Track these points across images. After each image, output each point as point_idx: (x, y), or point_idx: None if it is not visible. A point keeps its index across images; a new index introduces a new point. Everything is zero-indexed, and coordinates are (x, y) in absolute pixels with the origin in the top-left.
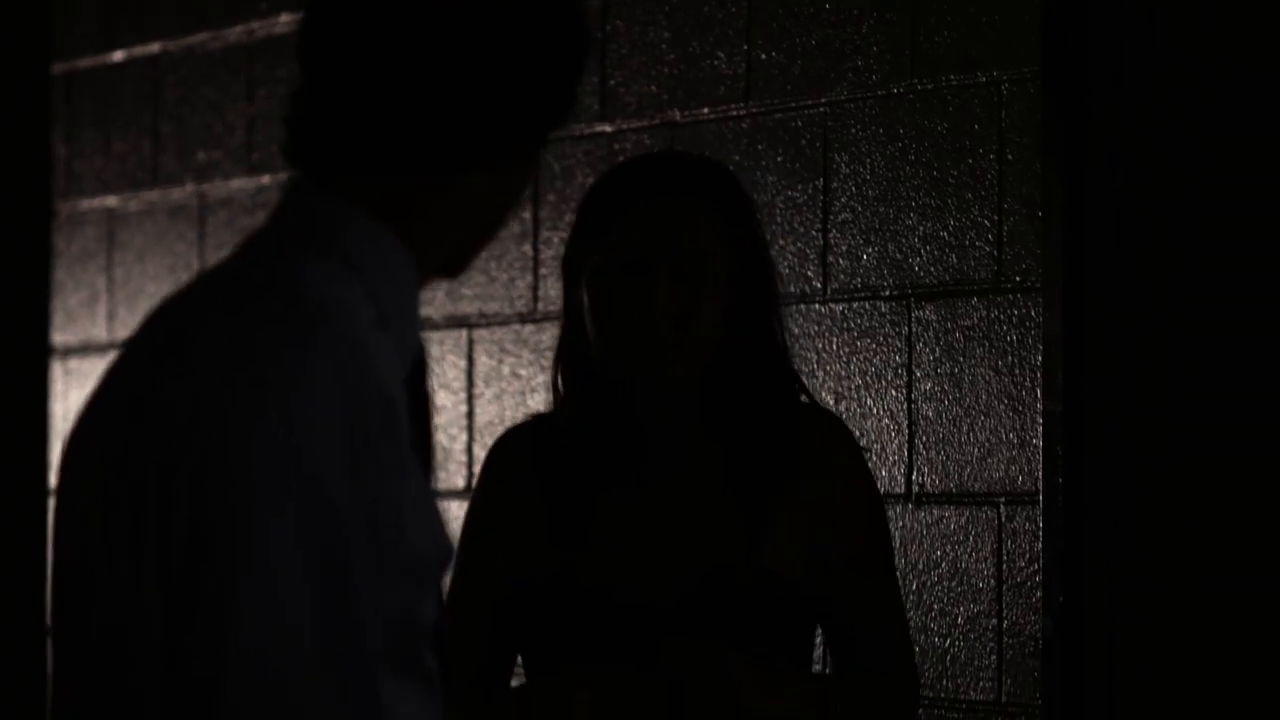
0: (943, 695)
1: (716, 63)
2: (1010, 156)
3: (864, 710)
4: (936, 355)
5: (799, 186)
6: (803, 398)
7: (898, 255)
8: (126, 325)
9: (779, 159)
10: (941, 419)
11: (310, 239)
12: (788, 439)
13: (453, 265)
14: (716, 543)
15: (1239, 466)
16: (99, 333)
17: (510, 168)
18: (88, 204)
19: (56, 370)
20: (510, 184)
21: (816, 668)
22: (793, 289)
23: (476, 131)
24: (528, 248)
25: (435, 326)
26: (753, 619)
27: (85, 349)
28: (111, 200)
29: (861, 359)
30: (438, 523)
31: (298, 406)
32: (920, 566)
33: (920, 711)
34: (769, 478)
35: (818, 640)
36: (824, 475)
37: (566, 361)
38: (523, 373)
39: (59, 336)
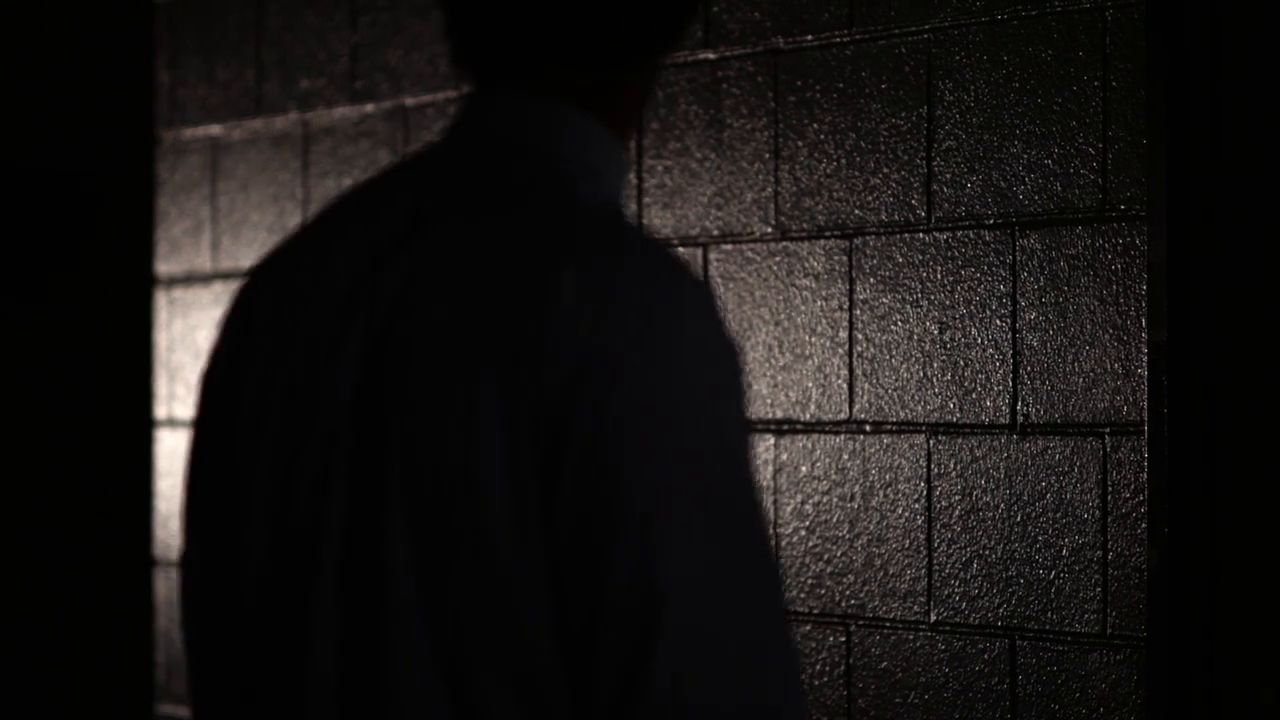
0: (1047, 628)
1: None
2: (1114, 83)
3: None
4: (1041, 284)
5: (902, 114)
6: None
7: (1002, 183)
8: (231, 255)
9: (883, 86)
10: (1046, 349)
11: (526, 142)
12: None
13: None
14: None
15: None
16: (203, 262)
17: (660, 60)
18: (191, 133)
19: (161, 300)
20: (654, 79)
21: None
22: (896, 217)
23: (659, 19)
24: (632, 176)
25: None
26: None
27: (189, 279)
28: (215, 129)
29: (965, 288)
30: None
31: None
32: (1025, 498)
33: (1026, 643)
34: None
35: None
36: None
37: None
38: None
39: (163, 266)
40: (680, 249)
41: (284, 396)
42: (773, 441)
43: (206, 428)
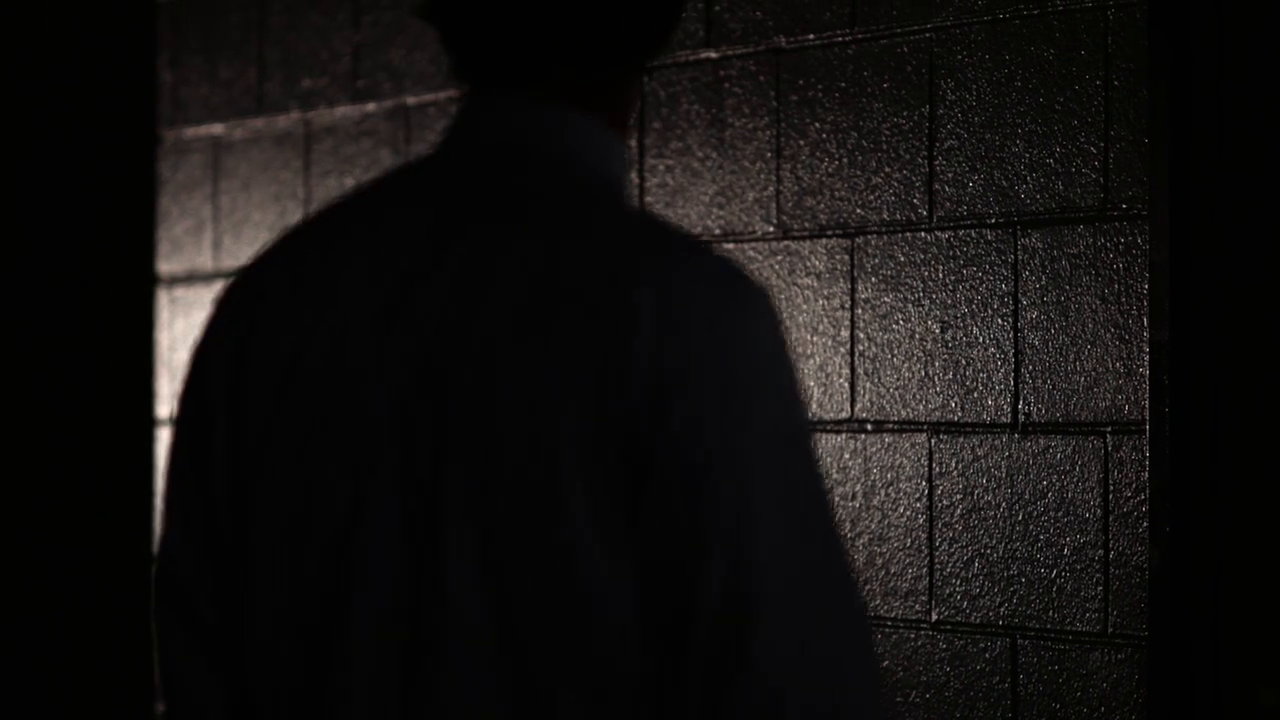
0: (1048, 627)
1: None
2: (1116, 83)
3: None
4: (1042, 284)
5: (904, 113)
6: None
7: (1004, 183)
8: (232, 254)
9: (884, 85)
10: (1047, 348)
11: (538, 149)
12: None
13: None
14: None
15: None
16: (204, 261)
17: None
18: (193, 132)
19: (162, 299)
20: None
21: None
22: (898, 216)
23: (658, 17)
24: (633, 175)
25: None
26: None
27: (190, 278)
28: (217, 128)
29: (967, 287)
30: None
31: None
32: (1026, 497)
33: (1027, 642)
34: None
35: None
36: None
37: None
38: None
39: (164, 265)
40: None
41: (307, 403)
42: None
43: (197, 421)
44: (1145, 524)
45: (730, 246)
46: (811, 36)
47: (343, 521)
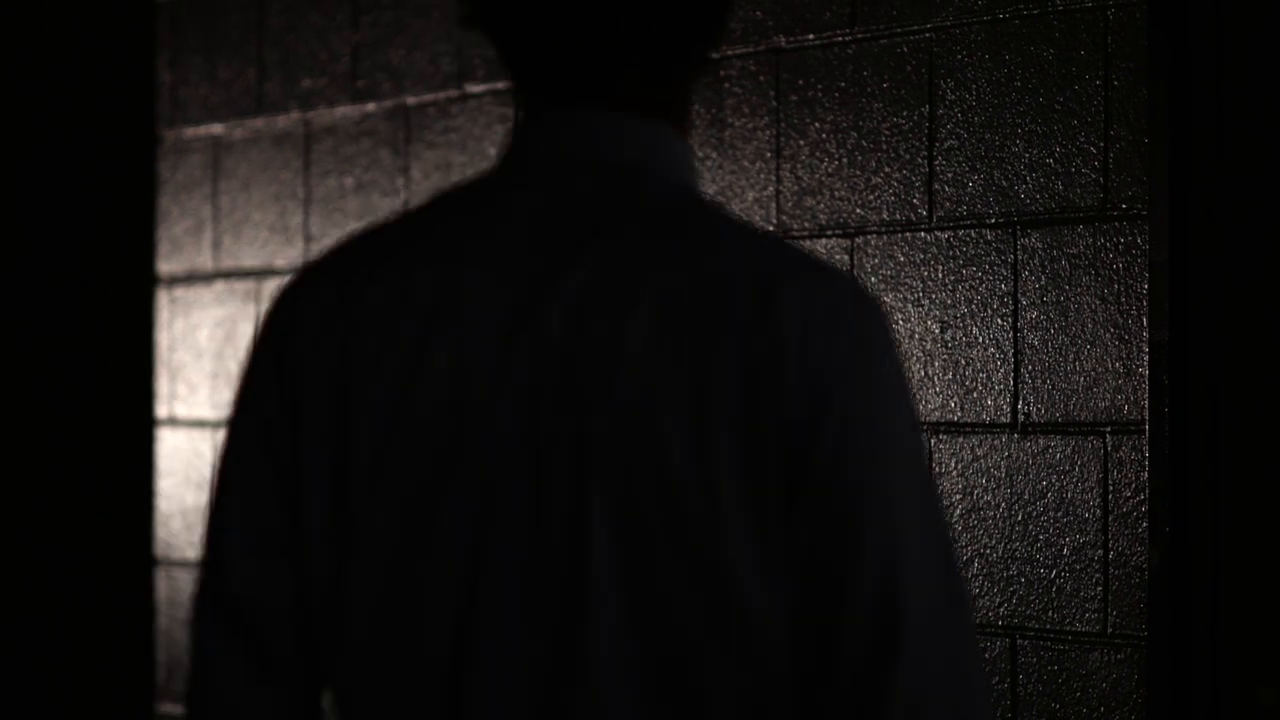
0: (1048, 626)
1: None
2: (1116, 82)
3: None
4: (1042, 284)
5: (904, 113)
6: None
7: (1003, 183)
8: (232, 254)
9: (884, 85)
10: (1047, 348)
11: (623, 158)
12: None
13: None
14: None
15: None
16: (204, 261)
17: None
18: (192, 132)
19: (162, 299)
20: None
21: None
22: (898, 216)
23: (717, 19)
24: None
25: None
26: None
27: (190, 278)
28: (216, 128)
29: (967, 287)
30: None
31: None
32: (1025, 497)
33: (1027, 642)
34: None
35: None
36: None
37: None
38: None
39: (164, 265)
40: None
41: (426, 428)
42: None
43: (287, 438)
44: (1145, 524)
45: None
46: (811, 36)
47: (471, 540)
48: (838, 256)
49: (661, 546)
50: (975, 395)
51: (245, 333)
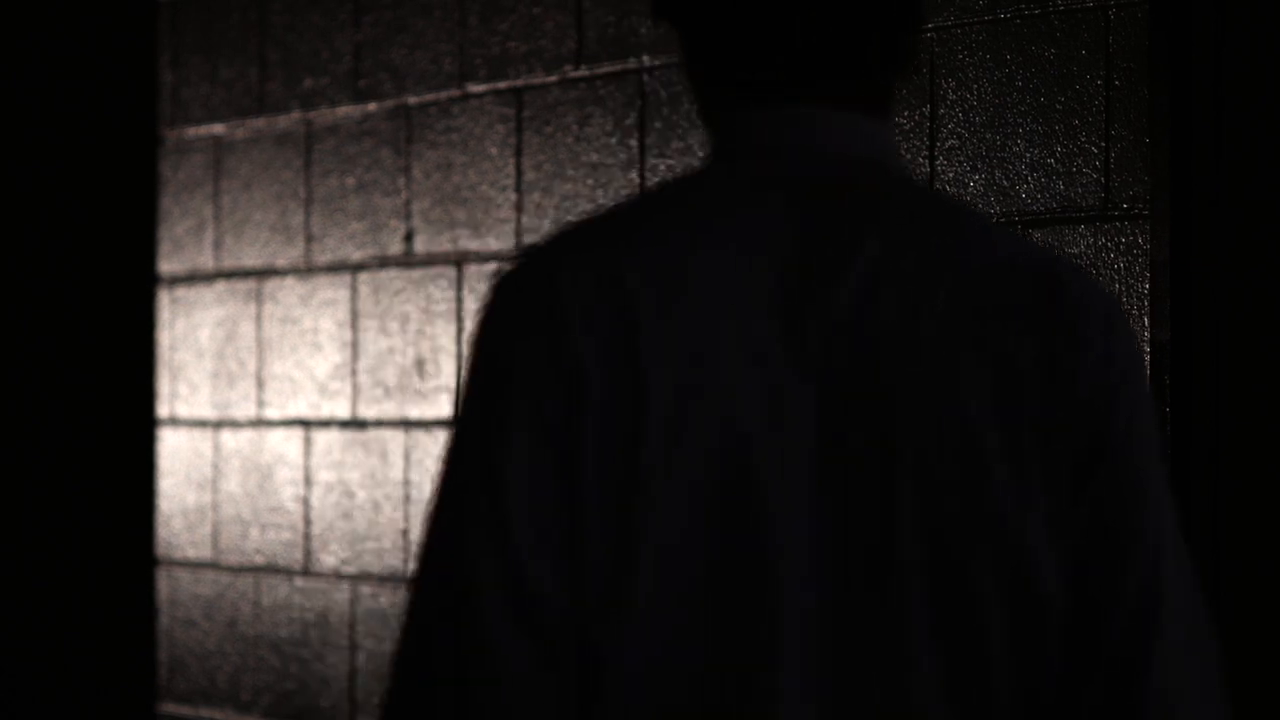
0: None
1: None
2: (1117, 82)
3: None
4: None
5: (905, 113)
6: None
7: (1005, 182)
8: (233, 254)
9: None
10: None
11: (866, 155)
12: None
13: None
14: None
15: None
16: (205, 261)
17: None
18: (194, 132)
19: (163, 299)
20: None
21: None
22: None
23: (918, 20)
24: (634, 174)
25: None
26: None
27: (192, 278)
28: (218, 128)
29: None
30: None
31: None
32: None
33: None
34: None
35: None
36: None
37: None
38: None
39: (165, 265)
40: None
41: (712, 425)
42: None
43: (565, 428)
44: None
45: None
46: None
47: (763, 532)
48: None
49: (968, 538)
50: None
51: (246, 332)
